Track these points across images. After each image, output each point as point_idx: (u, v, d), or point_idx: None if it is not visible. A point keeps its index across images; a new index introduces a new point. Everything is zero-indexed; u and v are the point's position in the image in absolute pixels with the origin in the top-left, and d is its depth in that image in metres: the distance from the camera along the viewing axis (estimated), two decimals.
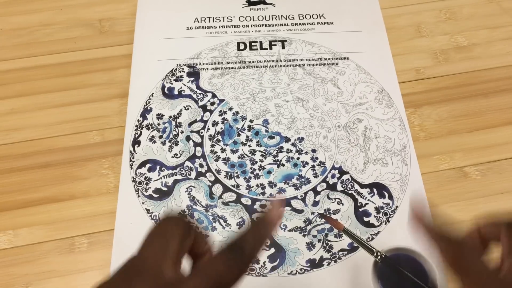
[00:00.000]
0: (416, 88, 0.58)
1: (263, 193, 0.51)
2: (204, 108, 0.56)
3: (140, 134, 0.54)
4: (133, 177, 0.52)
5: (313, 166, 0.53)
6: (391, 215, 0.50)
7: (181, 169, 0.52)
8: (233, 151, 0.53)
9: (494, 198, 0.51)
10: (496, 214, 0.33)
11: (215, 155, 0.53)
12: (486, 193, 0.52)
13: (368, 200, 0.51)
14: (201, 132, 0.55)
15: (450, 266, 0.29)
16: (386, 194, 0.51)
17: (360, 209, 0.50)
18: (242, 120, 0.55)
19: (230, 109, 0.56)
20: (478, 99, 0.58)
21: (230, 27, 0.63)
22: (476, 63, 0.61)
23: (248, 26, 0.63)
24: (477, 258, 0.29)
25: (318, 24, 0.63)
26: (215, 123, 0.55)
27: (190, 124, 0.55)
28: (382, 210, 0.50)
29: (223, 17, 0.64)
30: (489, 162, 0.53)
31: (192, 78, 0.58)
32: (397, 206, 0.50)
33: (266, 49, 0.61)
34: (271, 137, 0.54)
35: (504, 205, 0.51)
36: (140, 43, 0.61)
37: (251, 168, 0.52)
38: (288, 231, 0.49)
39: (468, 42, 0.62)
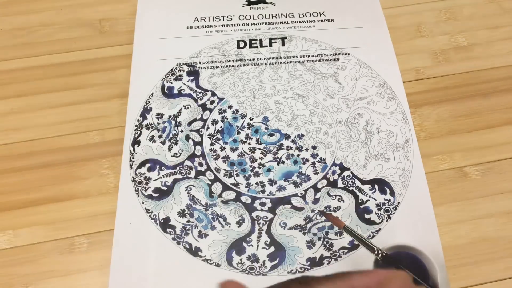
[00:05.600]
0: (416, 88, 0.58)
1: (263, 191, 0.51)
2: (203, 106, 0.56)
3: (140, 134, 0.54)
4: (133, 177, 0.51)
5: (313, 163, 0.52)
6: (393, 212, 0.49)
7: (181, 168, 0.52)
8: (233, 149, 0.53)
9: (494, 198, 0.51)
10: None
11: (214, 153, 0.53)
12: (486, 193, 0.51)
13: (369, 196, 0.50)
14: (201, 131, 0.55)
15: None
16: (388, 190, 0.51)
17: (361, 206, 0.50)
18: (242, 118, 0.55)
19: (230, 107, 0.56)
20: (478, 99, 0.58)
21: (230, 25, 0.63)
22: (476, 63, 0.60)
23: (248, 25, 0.63)
24: None
25: (318, 21, 0.63)
26: (214, 122, 0.55)
27: (189, 123, 0.55)
28: (384, 207, 0.50)
29: (223, 16, 0.64)
30: (489, 162, 0.53)
31: (191, 77, 0.58)
32: (399, 203, 0.50)
33: (266, 46, 0.61)
34: (271, 135, 0.54)
35: (504, 205, 0.51)
36: (140, 43, 0.61)
37: (250, 166, 0.52)
38: (288, 229, 0.49)
39: (468, 42, 0.62)
